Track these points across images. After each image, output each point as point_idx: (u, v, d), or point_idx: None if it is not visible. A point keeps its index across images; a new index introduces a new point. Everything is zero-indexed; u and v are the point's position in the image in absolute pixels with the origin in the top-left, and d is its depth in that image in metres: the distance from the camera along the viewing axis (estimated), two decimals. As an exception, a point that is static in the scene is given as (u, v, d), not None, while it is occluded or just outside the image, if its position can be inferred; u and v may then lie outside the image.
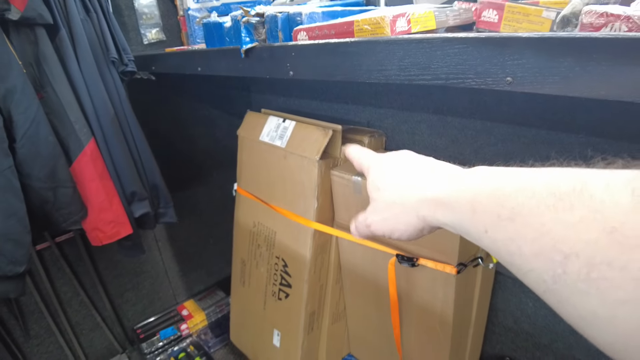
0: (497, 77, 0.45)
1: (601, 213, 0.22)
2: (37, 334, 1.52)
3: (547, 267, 0.24)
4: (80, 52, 1.03)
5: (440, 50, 0.50)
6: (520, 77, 0.43)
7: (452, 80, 0.49)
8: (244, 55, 0.77)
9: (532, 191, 0.26)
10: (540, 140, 0.96)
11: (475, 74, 0.47)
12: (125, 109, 1.14)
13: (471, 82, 0.48)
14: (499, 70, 0.45)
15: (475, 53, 0.46)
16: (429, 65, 0.51)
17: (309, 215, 1.15)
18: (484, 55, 0.46)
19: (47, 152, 0.99)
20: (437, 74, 0.51)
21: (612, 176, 0.23)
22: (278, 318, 1.34)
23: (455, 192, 0.33)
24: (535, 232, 0.25)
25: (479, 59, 0.46)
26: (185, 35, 1.48)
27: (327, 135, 1.10)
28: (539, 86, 0.42)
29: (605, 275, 0.21)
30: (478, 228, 0.30)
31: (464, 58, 0.48)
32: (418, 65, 0.53)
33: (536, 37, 0.41)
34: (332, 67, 0.65)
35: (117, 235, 1.13)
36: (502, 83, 0.45)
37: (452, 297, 1.00)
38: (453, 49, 0.48)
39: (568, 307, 0.24)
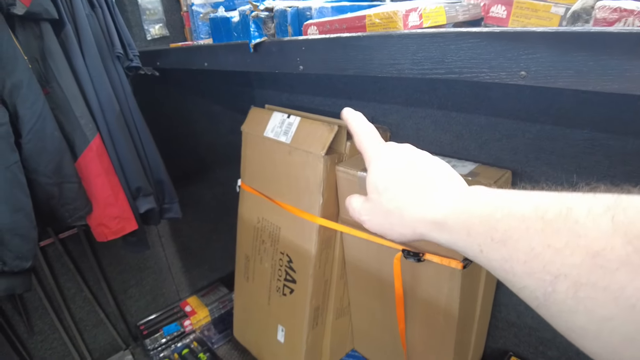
0: (511, 71, 0.45)
1: (585, 238, 0.23)
2: (41, 330, 1.52)
3: (539, 285, 0.26)
4: (85, 48, 1.03)
5: (454, 44, 0.50)
6: (534, 71, 0.44)
7: (465, 74, 0.50)
8: (253, 49, 0.78)
9: (522, 215, 0.28)
10: (545, 135, 0.97)
11: (489, 68, 0.48)
12: (131, 105, 1.14)
13: (485, 76, 0.48)
14: (512, 64, 0.45)
15: (489, 47, 0.47)
16: (442, 60, 0.52)
17: (314, 210, 1.16)
18: (498, 50, 0.46)
19: (53, 148, 0.99)
20: (450, 68, 0.51)
21: (594, 201, 0.24)
22: (282, 313, 1.35)
23: (452, 215, 0.34)
24: (526, 255, 0.27)
25: (493, 53, 0.47)
26: (189, 31, 1.48)
27: (333, 131, 1.10)
28: (553, 80, 0.43)
29: (590, 294, 0.23)
30: (473, 248, 0.32)
31: (477, 52, 0.48)
32: (432, 59, 0.53)
33: (550, 32, 0.42)
34: (344, 62, 0.66)
35: (123, 230, 1.13)
36: (516, 77, 0.45)
37: (457, 292, 1.00)
38: (467, 43, 0.49)
39: (560, 322, 0.26)
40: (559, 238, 0.25)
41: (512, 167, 1.04)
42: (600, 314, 0.23)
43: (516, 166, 1.04)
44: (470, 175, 0.99)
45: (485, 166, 1.06)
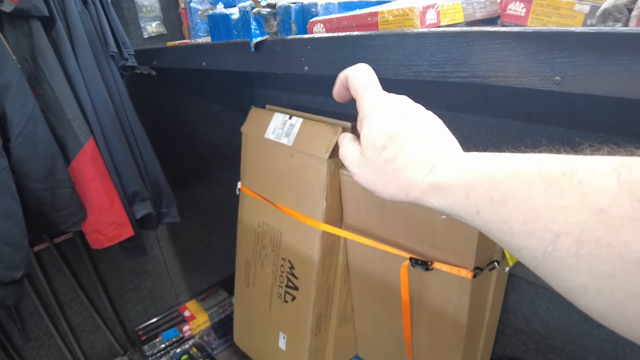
0: (544, 76, 0.41)
1: (589, 197, 0.23)
2: (36, 337, 1.48)
3: (539, 245, 0.26)
4: (77, 46, 0.98)
5: (478, 44, 0.46)
6: (570, 76, 0.39)
7: (491, 79, 0.46)
8: (254, 49, 0.73)
9: (525, 176, 0.27)
10: (557, 138, 0.93)
11: (518, 72, 0.43)
12: (126, 106, 1.09)
13: (513, 80, 0.44)
14: (546, 68, 0.41)
15: (519, 49, 0.42)
16: (465, 62, 0.47)
17: (317, 216, 1.12)
18: (529, 52, 0.42)
19: (45, 152, 0.95)
20: (474, 71, 0.47)
21: (598, 163, 0.24)
22: (284, 321, 1.31)
23: (451, 177, 0.33)
24: (527, 214, 0.26)
25: (523, 56, 0.42)
26: (187, 29, 1.44)
27: (337, 133, 1.06)
28: (592, 86, 0.38)
29: (593, 251, 0.23)
30: (470, 210, 0.31)
31: (506, 54, 0.44)
32: (453, 61, 0.49)
33: (591, 32, 0.37)
34: (354, 62, 0.61)
35: (119, 237, 1.09)
36: (549, 83, 0.41)
37: (466, 301, 0.96)
38: (494, 44, 0.44)
39: (559, 281, 0.26)
40: (563, 197, 0.25)
41: (523, 171, 1.00)
42: (603, 270, 0.23)
43: (528, 170, 1.00)
44: (480, 180, 0.95)
45: (496, 170, 1.02)
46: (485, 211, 0.29)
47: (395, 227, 1.02)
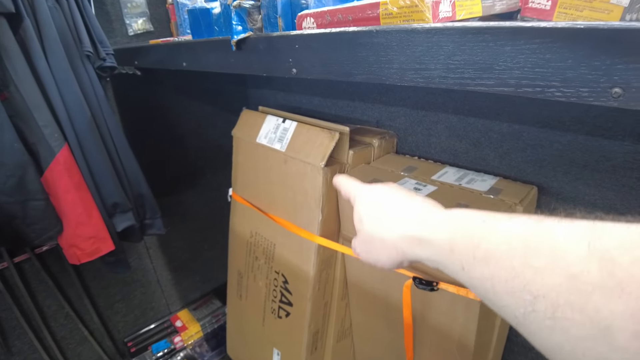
0: (598, 88, 0.32)
1: (563, 260, 0.25)
2: (19, 350, 1.41)
3: (519, 304, 0.27)
4: (48, 46, 0.89)
5: (510, 45, 0.36)
6: (637, 88, 0.30)
7: (525, 89, 0.36)
8: (235, 47, 0.64)
9: (504, 236, 0.29)
10: (577, 146, 0.84)
11: (563, 82, 0.34)
12: (104, 110, 1.01)
13: (555, 92, 0.35)
14: (601, 77, 0.31)
15: (565, 51, 0.33)
16: (491, 66, 0.38)
17: (313, 228, 1.03)
18: (580, 55, 0.32)
19: (13, 161, 0.87)
20: (503, 79, 0.37)
21: (572, 227, 0.26)
22: (278, 337, 1.23)
23: (434, 231, 0.36)
24: (507, 275, 0.27)
25: (571, 60, 0.33)
26: (175, 26, 1.35)
27: (334, 139, 0.97)
28: None
29: (567, 315, 0.24)
30: (455, 265, 0.33)
31: (547, 58, 0.34)
32: (475, 65, 0.39)
33: None
34: (350, 64, 0.51)
35: (98, 252, 1.01)
36: (605, 96, 0.32)
37: (474, 324, 0.88)
38: (531, 44, 0.35)
39: (538, 339, 0.27)
40: (539, 259, 0.26)
41: (537, 182, 0.91)
42: (576, 333, 0.24)
43: (542, 180, 0.91)
44: (491, 193, 0.86)
45: (507, 181, 0.93)
46: (469, 267, 0.31)
47: (397, 242, 0.93)
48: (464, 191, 0.89)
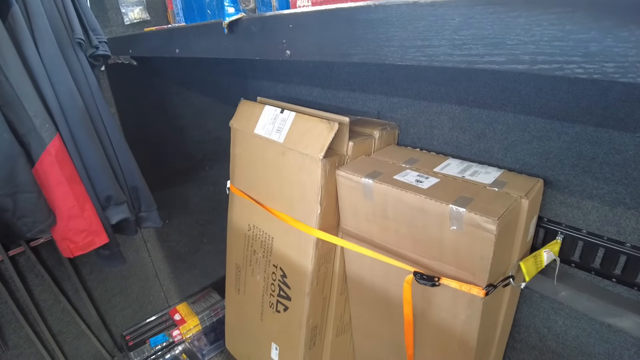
0: (626, 62, 0.28)
1: None
2: (15, 345, 1.40)
3: None
4: (38, 33, 0.86)
5: (525, 16, 0.32)
6: None
7: (541, 65, 0.32)
8: (227, 30, 0.60)
9: None
10: (585, 138, 0.81)
11: (585, 56, 0.30)
12: (97, 100, 0.98)
13: (576, 68, 0.30)
14: (630, 49, 0.28)
15: (589, 21, 0.29)
16: (502, 41, 0.34)
17: (311, 221, 1.01)
18: (606, 25, 0.29)
19: (2, 153, 0.84)
20: (515, 54, 0.34)
21: None
22: (276, 331, 1.21)
23: None
24: None
25: (595, 32, 0.29)
26: (172, 14, 1.31)
27: (333, 130, 0.94)
28: None
29: None
30: None
31: (567, 29, 0.31)
32: (484, 40, 0.35)
33: None
34: (348, 43, 0.48)
35: (91, 245, 0.99)
36: (633, 71, 0.28)
37: (477, 321, 0.86)
38: (548, 14, 0.31)
39: None
40: None
41: (543, 175, 0.88)
42: None
43: (548, 173, 0.88)
44: (495, 185, 0.84)
45: (512, 173, 0.90)
46: None
47: (398, 237, 0.91)
48: (467, 184, 0.86)
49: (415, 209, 0.84)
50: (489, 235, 0.73)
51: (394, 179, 0.90)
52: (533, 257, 0.87)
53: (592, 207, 0.85)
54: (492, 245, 0.74)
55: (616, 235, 0.84)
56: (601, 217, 0.85)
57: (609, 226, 0.84)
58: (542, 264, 0.88)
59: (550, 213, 0.92)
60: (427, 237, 0.84)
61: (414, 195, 0.83)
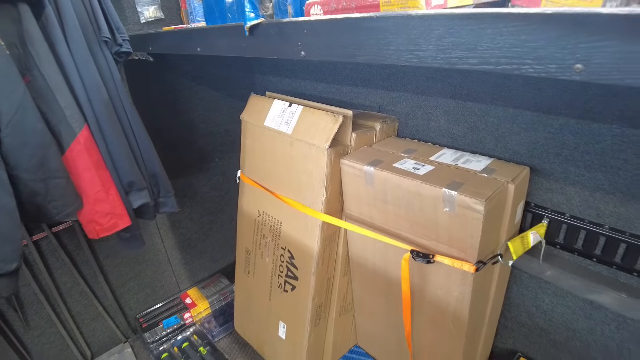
0: (564, 64, 0.37)
1: None
2: (37, 325, 1.48)
3: None
4: (69, 32, 0.94)
5: (491, 28, 0.41)
6: (596, 64, 0.35)
7: (504, 66, 0.41)
8: (248, 32, 0.69)
9: None
10: (568, 129, 0.89)
11: (536, 59, 0.39)
12: (121, 93, 1.06)
13: (529, 68, 0.40)
14: (567, 55, 0.37)
15: (538, 33, 0.38)
16: (475, 47, 0.43)
17: (317, 206, 1.09)
18: (550, 36, 0.37)
19: (36, 141, 0.92)
20: (485, 57, 0.43)
21: None
22: (283, 310, 1.30)
23: None
24: None
25: (543, 40, 0.38)
26: (185, 13, 1.39)
27: (337, 122, 1.02)
28: (621, 77, 0.34)
29: None
30: None
31: (522, 39, 0.40)
32: (462, 46, 0.44)
33: (625, 14, 0.33)
34: (353, 47, 0.57)
35: (115, 227, 1.07)
36: (569, 71, 0.37)
37: (468, 296, 0.94)
38: (509, 27, 0.40)
39: None
40: None
41: (530, 163, 0.97)
42: None
43: (535, 162, 0.96)
44: (485, 172, 0.92)
45: (502, 162, 0.98)
46: None
47: (397, 219, 0.99)
48: (459, 170, 0.94)
49: (412, 193, 0.92)
50: (478, 215, 0.81)
51: (394, 166, 0.98)
52: (520, 238, 0.95)
53: (575, 193, 0.93)
54: (481, 225, 0.82)
55: (596, 218, 0.92)
56: (583, 201, 0.93)
57: (589, 210, 0.93)
58: (528, 245, 0.96)
59: (537, 198, 1.00)
60: (422, 218, 0.93)
61: (411, 181, 0.91)
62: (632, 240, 0.88)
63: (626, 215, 0.87)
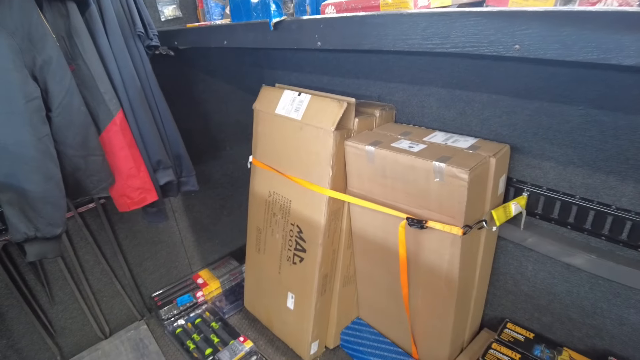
0: (507, 45, 0.53)
1: None
2: (61, 300, 1.60)
3: None
4: (108, 27, 1.08)
5: (458, 22, 0.57)
6: (527, 44, 0.51)
7: (468, 48, 0.57)
8: (273, 27, 0.84)
9: None
10: (543, 111, 1.03)
11: (489, 43, 0.55)
12: (151, 81, 1.20)
13: (484, 49, 0.55)
14: (508, 39, 0.52)
15: (488, 24, 0.54)
16: (448, 35, 0.59)
17: (324, 183, 1.23)
18: (497, 26, 0.53)
19: (80, 121, 1.06)
20: (455, 43, 0.58)
21: None
22: (292, 281, 1.43)
23: None
24: None
25: (492, 29, 0.54)
26: (202, 12, 1.53)
27: (342, 107, 1.16)
28: (543, 52, 0.49)
29: None
30: None
31: (479, 29, 0.55)
32: (439, 35, 0.60)
33: (541, 11, 0.49)
34: (360, 37, 0.72)
35: (144, 201, 1.20)
36: (511, 50, 0.52)
37: (457, 258, 1.08)
38: (470, 20, 0.56)
39: None
40: None
41: (511, 142, 1.11)
42: None
43: (515, 141, 1.10)
44: (471, 149, 1.06)
45: (486, 141, 1.12)
46: None
47: (394, 192, 1.13)
48: (448, 148, 1.08)
49: (407, 167, 1.06)
50: (464, 182, 0.95)
51: (392, 146, 1.12)
52: (503, 207, 1.09)
53: (550, 167, 1.07)
54: (466, 191, 0.96)
55: (569, 189, 1.06)
56: (557, 175, 1.07)
57: (563, 182, 1.06)
58: (510, 214, 1.10)
59: (518, 174, 1.14)
60: (416, 189, 1.07)
61: (407, 156, 1.05)
62: (599, 208, 1.01)
63: (594, 186, 1.01)
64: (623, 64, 0.45)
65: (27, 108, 0.97)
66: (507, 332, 1.26)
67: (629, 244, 0.99)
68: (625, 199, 0.96)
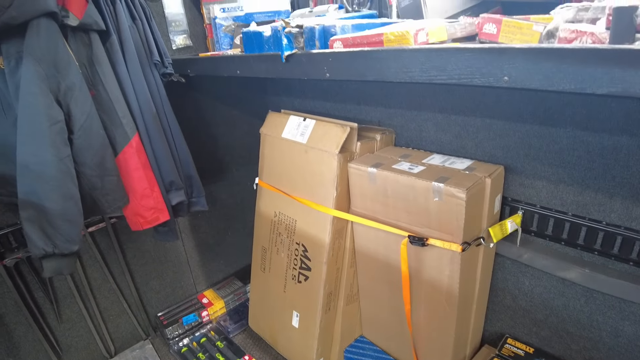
0: (497, 77, 0.60)
1: None
2: (69, 318, 1.62)
3: None
4: (127, 55, 1.16)
5: (454, 57, 0.64)
6: (514, 76, 0.58)
7: (463, 80, 0.64)
8: (285, 60, 0.92)
9: None
10: (533, 134, 1.10)
11: (481, 75, 0.62)
12: (165, 107, 1.27)
13: (477, 80, 0.62)
14: (498, 71, 0.60)
15: (480, 59, 0.61)
16: (445, 68, 0.66)
17: (328, 203, 1.28)
18: (487, 60, 0.61)
19: (99, 144, 1.12)
20: (451, 75, 0.66)
21: None
22: (297, 300, 1.46)
23: None
24: None
25: (483, 63, 0.61)
26: (211, 42, 1.62)
27: (346, 132, 1.23)
28: (528, 83, 0.57)
29: None
30: None
31: (472, 62, 0.62)
32: (436, 68, 0.67)
33: (526, 48, 0.56)
34: (365, 69, 0.80)
35: (157, 220, 1.26)
36: (501, 81, 0.59)
37: (457, 273, 1.12)
38: (464, 55, 0.63)
39: None
40: None
41: (504, 163, 1.17)
42: None
43: (508, 162, 1.17)
44: (467, 170, 1.12)
45: (482, 162, 1.19)
46: None
47: (395, 211, 1.19)
48: (446, 169, 1.15)
49: (407, 187, 1.12)
50: (461, 201, 1.01)
51: (392, 167, 1.18)
52: (499, 225, 1.15)
53: (542, 186, 1.14)
54: (464, 210, 1.02)
55: (561, 207, 1.12)
56: (549, 193, 1.13)
57: (555, 200, 1.12)
58: (506, 231, 1.16)
59: (513, 193, 1.20)
60: (417, 208, 1.12)
61: (407, 177, 1.11)
62: (591, 224, 1.07)
63: (584, 203, 1.07)
64: (597, 93, 0.52)
65: (51, 130, 1.03)
66: (507, 347, 1.30)
67: (620, 257, 1.04)
68: (614, 214, 1.02)
